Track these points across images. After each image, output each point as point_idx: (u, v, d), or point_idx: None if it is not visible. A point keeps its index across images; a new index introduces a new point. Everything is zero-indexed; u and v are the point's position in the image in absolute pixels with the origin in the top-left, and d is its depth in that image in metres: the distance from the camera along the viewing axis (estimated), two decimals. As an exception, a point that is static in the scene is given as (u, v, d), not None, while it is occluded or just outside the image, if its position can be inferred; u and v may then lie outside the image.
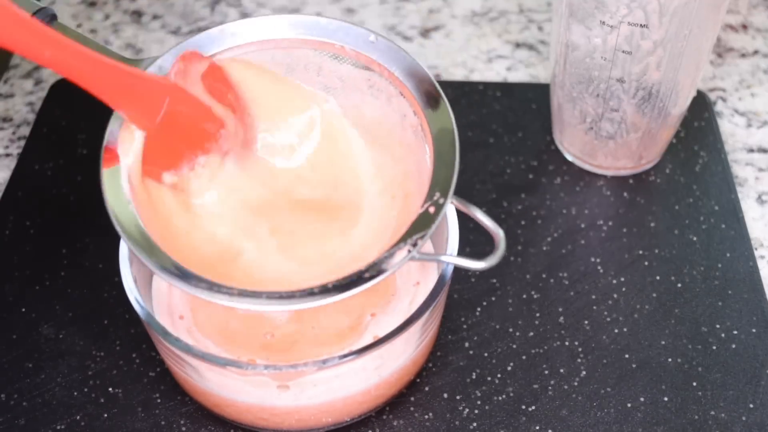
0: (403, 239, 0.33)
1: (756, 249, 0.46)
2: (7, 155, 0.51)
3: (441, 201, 0.34)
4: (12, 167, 0.50)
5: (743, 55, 0.56)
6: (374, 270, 0.33)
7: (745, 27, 0.57)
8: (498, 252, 0.34)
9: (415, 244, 0.33)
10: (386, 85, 0.37)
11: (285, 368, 0.34)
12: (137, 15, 0.59)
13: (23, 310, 0.43)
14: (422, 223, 0.33)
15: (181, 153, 0.37)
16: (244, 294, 0.32)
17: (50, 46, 0.31)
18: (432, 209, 0.34)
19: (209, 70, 0.38)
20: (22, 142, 0.51)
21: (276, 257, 0.37)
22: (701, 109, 0.51)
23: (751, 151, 0.50)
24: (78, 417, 0.39)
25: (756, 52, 0.56)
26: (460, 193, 0.35)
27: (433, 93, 0.36)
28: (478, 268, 0.34)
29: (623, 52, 0.42)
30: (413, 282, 0.40)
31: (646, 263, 0.45)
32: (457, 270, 0.44)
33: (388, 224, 0.37)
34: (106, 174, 0.34)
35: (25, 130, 0.52)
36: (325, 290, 0.32)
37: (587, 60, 0.44)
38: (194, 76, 0.37)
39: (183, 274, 0.32)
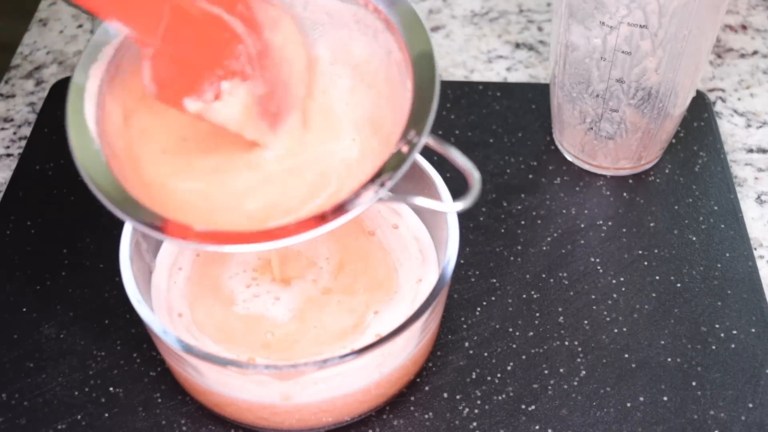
0: (372, 180, 0.32)
1: (755, 249, 0.46)
2: (8, 155, 0.51)
3: (415, 140, 0.32)
4: (13, 167, 0.50)
5: (742, 56, 0.56)
6: (340, 210, 0.32)
7: (744, 27, 0.57)
8: (473, 192, 0.32)
9: (382, 184, 0.32)
10: (372, 20, 0.36)
11: (285, 368, 0.34)
12: None
13: (24, 309, 0.43)
14: (394, 163, 0.32)
15: (197, 72, 0.34)
16: (206, 236, 0.31)
17: None
18: (405, 148, 0.32)
19: None
20: (23, 143, 0.51)
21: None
22: (701, 110, 0.52)
23: (751, 151, 0.51)
24: (79, 416, 0.40)
25: (755, 53, 0.56)
26: (458, 191, 0.35)
27: (416, 26, 0.35)
28: (451, 209, 0.32)
29: (623, 52, 0.42)
30: (416, 279, 0.40)
31: (646, 263, 0.45)
32: (458, 269, 0.44)
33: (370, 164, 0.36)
34: (70, 105, 0.33)
35: (26, 130, 0.52)
36: (288, 230, 0.31)
37: (587, 60, 0.44)
38: None
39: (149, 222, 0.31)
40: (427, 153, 0.36)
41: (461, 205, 0.32)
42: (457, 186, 0.35)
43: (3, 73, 0.56)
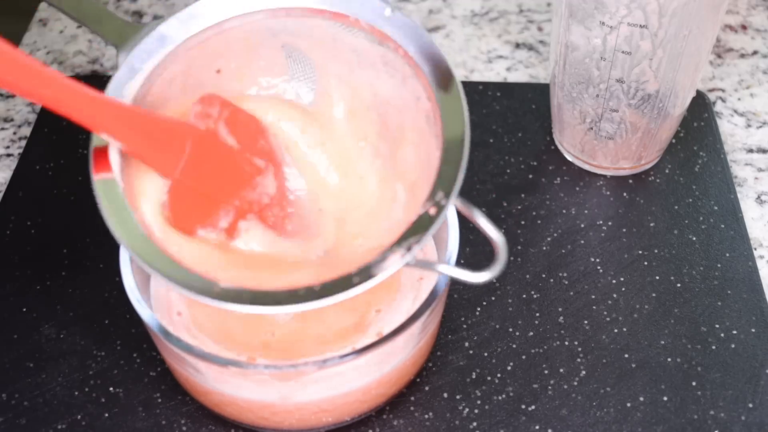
0: (399, 242, 0.32)
1: (755, 249, 0.46)
2: (8, 155, 0.51)
3: (443, 202, 0.32)
4: (13, 167, 0.50)
5: (742, 56, 0.56)
6: (365, 274, 0.31)
7: (744, 27, 0.57)
8: (499, 262, 0.31)
9: (409, 248, 0.31)
10: (401, 64, 0.35)
11: (285, 368, 0.34)
12: (138, 15, 0.60)
13: (24, 309, 0.43)
14: (421, 225, 0.32)
15: (214, 203, 0.35)
16: (227, 296, 0.31)
17: (49, 86, 0.29)
18: (433, 210, 0.32)
19: (233, 114, 0.36)
20: (23, 143, 0.51)
21: (273, 238, 0.37)
22: (701, 110, 0.52)
23: (751, 151, 0.51)
24: (79, 416, 0.40)
25: (755, 53, 0.56)
26: (460, 193, 0.35)
27: (448, 80, 0.34)
28: (477, 281, 0.32)
29: (623, 52, 0.42)
30: (417, 277, 0.40)
31: (646, 263, 0.45)
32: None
33: (395, 218, 0.36)
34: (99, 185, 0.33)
35: (26, 131, 0.52)
36: (311, 294, 0.31)
37: (587, 60, 0.44)
38: (216, 119, 0.35)
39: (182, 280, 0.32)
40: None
41: (488, 275, 0.31)
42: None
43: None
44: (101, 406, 0.40)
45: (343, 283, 0.31)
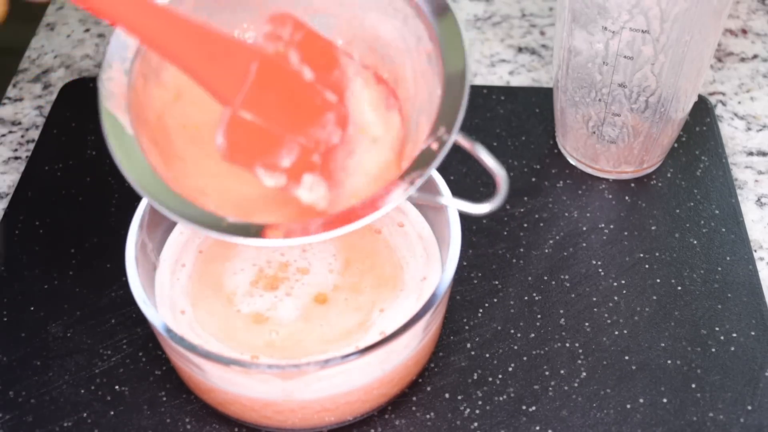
0: (402, 176, 0.32)
1: (755, 251, 0.46)
2: (17, 158, 0.52)
3: (445, 137, 0.32)
4: (21, 170, 0.51)
5: (743, 60, 0.56)
6: (368, 207, 0.32)
7: (744, 31, 0.58)
8: (500, 196, 0.32)
9: (412, 182, 0.31)
10: (403, 5, 0.35)
11: (288, 367, 0.34)
12: None
13: (32, 308, 0.44)
14: (424, 160, 0.32)
15: (277, 139, 0.31)
16: (235, 230, 0.31)
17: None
18: (435, 145, 0.32)
19: (307, 38, 0.32)
20: (31, 146, 0.52)
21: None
22: (703, 114, 0.52)
23: (751, 154, 0.51)
24: (85, 414, 0.40)
25: (755, 57, 0.56)
26: (462, 194, 0.36)
27: (448, 18, 0.34)
28: (478, 213, 0.32)
29: (625, 57, 0.43)
30: (420, 277, 0.40)
31: (647, 266, 0.45)
32: (461, 271, 0.45)
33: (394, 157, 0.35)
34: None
35: (34, 134, 0.53)
36: (318, 226, 0.31)
37: (589, 65, 0.44)
38: (288, 42, 0.32)
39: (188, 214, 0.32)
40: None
41: (489, 206, 0.32)
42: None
43: (10, 77, 0.57)
44: (107, 404, 0.40)
45: (349, 215, 0.32)
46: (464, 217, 0.39)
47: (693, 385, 0.41)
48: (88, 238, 0.47)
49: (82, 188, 0.49)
